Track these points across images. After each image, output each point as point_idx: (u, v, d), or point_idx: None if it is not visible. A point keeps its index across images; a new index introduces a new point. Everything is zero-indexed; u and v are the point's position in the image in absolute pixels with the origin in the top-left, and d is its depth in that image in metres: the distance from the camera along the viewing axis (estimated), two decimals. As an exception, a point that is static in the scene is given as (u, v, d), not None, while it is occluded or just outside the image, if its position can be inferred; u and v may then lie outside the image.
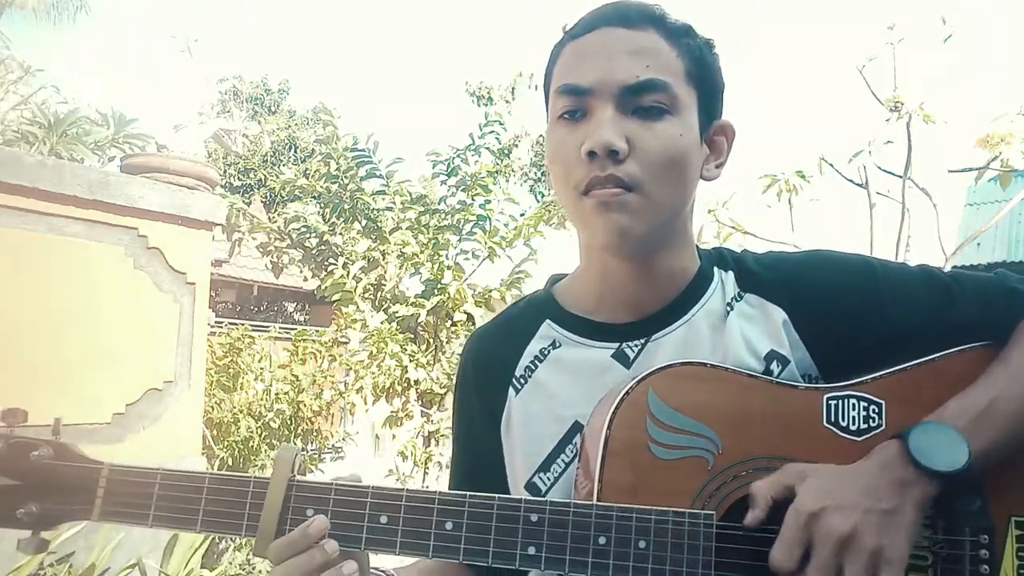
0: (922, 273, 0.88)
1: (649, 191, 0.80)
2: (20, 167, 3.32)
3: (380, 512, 0.77)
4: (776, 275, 0.89)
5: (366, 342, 4.87)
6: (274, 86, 20.79)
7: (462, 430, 1.00)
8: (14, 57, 11.21)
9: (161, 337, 3.84)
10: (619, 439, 0.77)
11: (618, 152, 0.79)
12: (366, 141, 5.46)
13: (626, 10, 0.84)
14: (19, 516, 0.79)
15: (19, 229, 3.32)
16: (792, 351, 0.85)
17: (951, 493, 0.73)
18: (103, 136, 8.86)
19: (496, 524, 0.76)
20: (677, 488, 0.76)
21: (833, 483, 0.72)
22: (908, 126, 4.31)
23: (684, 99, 0.82)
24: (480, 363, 0.98)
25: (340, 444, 7.87)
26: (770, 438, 0.77)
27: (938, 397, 0.78)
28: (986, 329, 0.82)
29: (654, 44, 0.82)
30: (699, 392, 0.78)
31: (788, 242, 4.70)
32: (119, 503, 0.80)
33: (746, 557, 0.74)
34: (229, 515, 0.79)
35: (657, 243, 0.86)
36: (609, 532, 0.74)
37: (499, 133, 5.54)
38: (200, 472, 0.80)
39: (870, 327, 0.84)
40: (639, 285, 0.88)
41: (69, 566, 3.17)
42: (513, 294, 5.14)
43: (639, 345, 0.88)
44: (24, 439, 0.81)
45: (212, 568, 3.68)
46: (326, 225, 5.73)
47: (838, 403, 0.78)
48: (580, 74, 0.82)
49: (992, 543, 0.74)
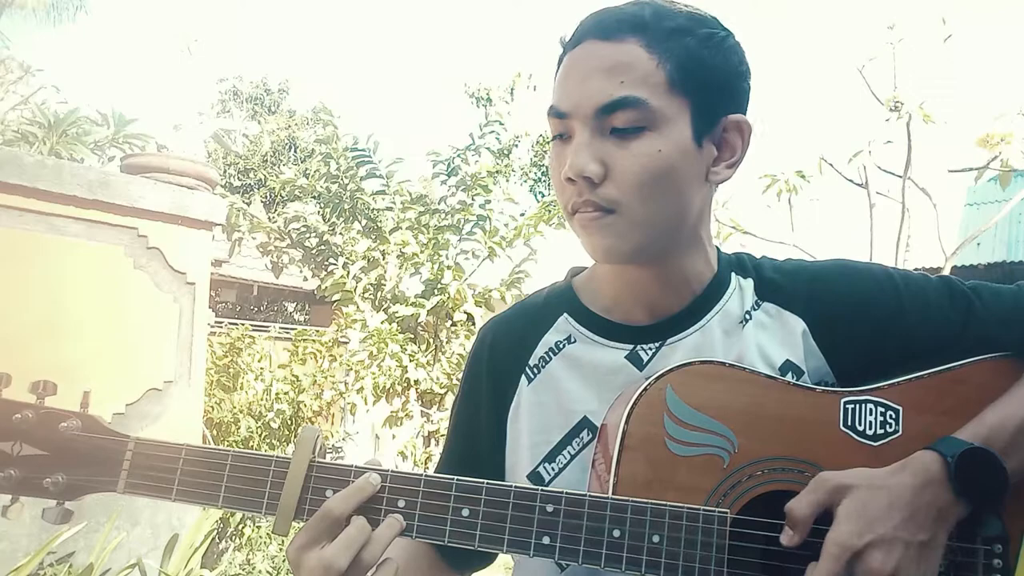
0: (943, 285, 0.87)
1: (630, 211, 0.80)
2: (20, 167, 3.31)
3: (398, 496, 0.78)
4: (796, 284, 0.89)
5: (366, 342, 4.87)
6: (274, 86, 20.78)
7: (466, 412, 1.00)
8: (14, 57, 11.22)
9: (161, 337, 3.84)
10: (636, 434, 0.77)
11: (592, 177, 0.78)
12: (366, 141, 5.46)
13: (607, 20, 0.81)
14: (46, 486, 0.80)
15: (19, 229, 3.32)
16: (807, 360, 0.85)
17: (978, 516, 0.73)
18: (103, 136, 8.86)
19: (512, 512, 0.76)
20: (693, 485, 0.76)
21: (873, 508, 0.71)
22: (908, 126, 4.32)
23: (666, 111, 0.78)
24: (496, 348, 0.98)
25: (340, 444, 7.87)
26: (786, 439, 0.78)
27: (955, 405, 0.78)
28: (1007, 341, 0.82)
29: (631, 56, 0.78)
30: (717, 391, 0.79)
31: (788, 242, 4.70)
32: (144, 476, 0.81)
33: (759, 556, 0.74)
34: (250, 492, 0.80)
35: (661, 251, 0.85)
36: (624, 526, 0.74)
37: (499, 133, 5.55)
38: (224, 449, 0.81)
39: (890, 338, 0.84)
40: (655, 289, 0.88)
41: (69, 566, 3.17)
42: (513, 294, 5.14)
43: (654, 348, 0.88)
44: (53, 410, 0.82)
45: (212, 568, 3.68)
46: (326, 225, 5.74)
47: (855, 407, 0.79)
48: (561, 96, 0.82)
49: (1006, 553, 0.74)
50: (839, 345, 0.85)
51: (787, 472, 0.76)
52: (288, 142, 18.39)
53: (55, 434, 0.81)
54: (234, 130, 19.18)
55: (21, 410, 0.82)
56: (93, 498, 0.83)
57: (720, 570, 0.73)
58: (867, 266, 0.90)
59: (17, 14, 13.30)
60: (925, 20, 4.84)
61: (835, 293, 0.86)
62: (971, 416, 0.78)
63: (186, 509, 3.66)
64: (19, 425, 0.81)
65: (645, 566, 0.73)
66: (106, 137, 8.91)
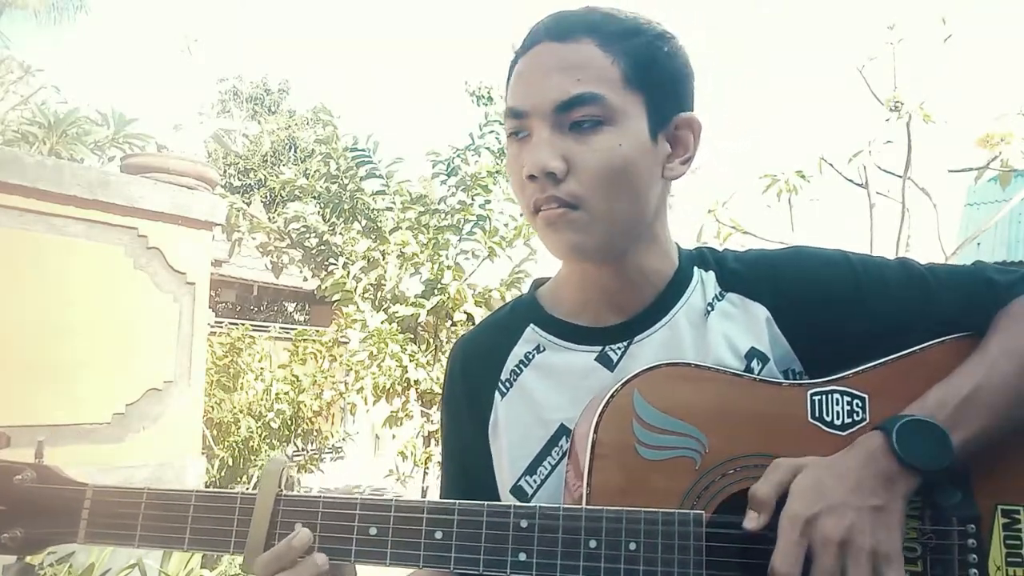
0: (900, 266, 0.88)
1: (593, 206, 0.81)
2: (20, 167, 3.32)
3: (369, 524, 0.77)
4: (757, 272, 0.90)
5: (366, 342, 4.87)
6: (274, 86, 20.79)
7: (451, 436, 1.00)
8: (14, 57, 11.22)
9: (161, 337, 3.84)
10: (606, 442, 0.77)
11: (555, 172, 0.79)
12: (366, 141, 5.46)
13: (560, 23, 0.83)
14: (3, 542, 0.79)
15: (19, 229, 3.32)
16: (772, 347, 0.85)
17: (933, 486, 0.74)
18: (103, 136, 8.86)
19: (486, 531, 0.76)
20: (666, 489, 0.76)
21: (821, 482, 0.72)
22: (908, 126, 4.31)
23: (623, 107, 0.81)
24: (467, 368, 0.98)
25: (340, 444, 7.88)
26: (756, 436, 0.78)
27: (921, 389, 0.78)
28: (966, 320, 0.82)
29: (586, 56, 0.81)
30: (684, 392, 0.79)
31: (788, 242, 4.69)
32: (105, 524, 0.80)
33: (737, 555, 0.74)
34: (217, 532, 0.79)
35: (622, 248, 0.86)
36: (599, 535, 0.74)
37: (499, 133, 5.54)
38: (186, 490, 0.80)
39: (851, 321, 0.84)
40: (617, 288, 0.89)
41: (69, 566, 3.17)
42: (513, 294, 5.14)
43: (622, 348, 0.89)
44: (6, 463, 0.81)
45: (212, 568, 3.68)
46: (326, 225, 5.74)
47: (822, 398, 0.79)
48: (517, 96, 0.83)
49: (979, 532, 0.74)
50: (801, 330, 0.86)
51: (759, 468, 0.76)
52: (288, 142, 18.40)
53: (11, 487, 0.79)
54: (234, 130, 19.19)
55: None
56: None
57: (699, 572, 0.73)
58: (825, 251, 0.90)
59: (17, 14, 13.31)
60: (925, 20, 4.84)
61: (794, 279, 0.87)
62: None
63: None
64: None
65: (624, 574, 0.73)
66: (106, 137, 8.91)
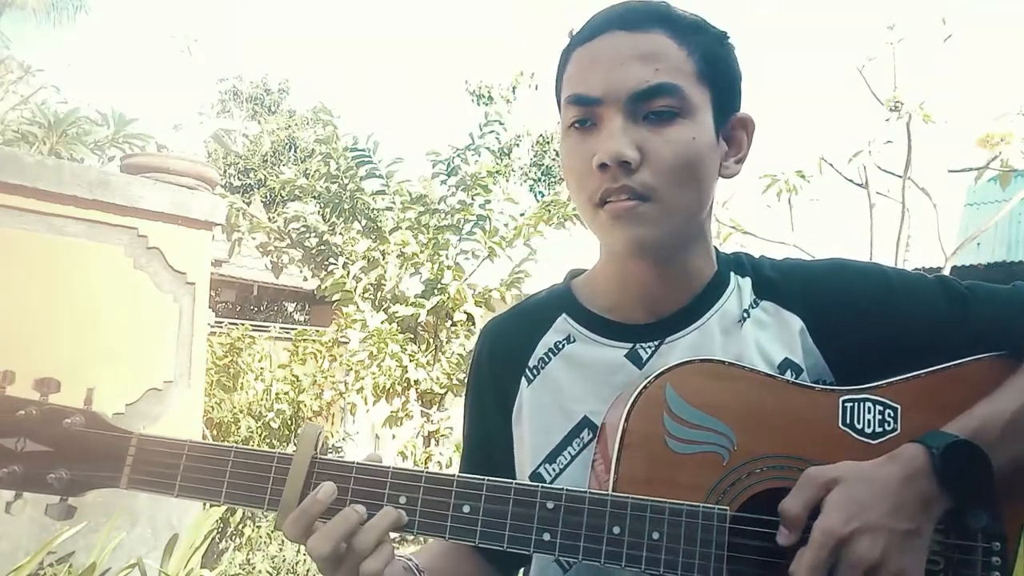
0: (938, 284, 0.87)
1: (664, 199, 0.80)
2: (20, 167, 3.31)
3: (399, 492, 0.78)
4: (792, 282, 0.89)
5: (366, 342, 4.87)
6: (274, 86, 20.78)
7: (474, 416, 1.01)
8: (14, 57, 11.22)
9: (161, 337, 3.83)
10: (635, 432, 0.78)
11: (630, 162, 0.78)
12: (366, 141, 5.46)
13: (632, 12, 0.82)
14: (50, 481, 0.81)
15: (19, 229, 3.32)
16: (805, 358, 0.85)
17: (965, 509, 0.73)
18: (103, 136, 8.87)
19: (512, 509, 0.77)
20: (692, 482, 0.76)
21: (859, 498, 0.71)
22: (908, 126, 4.32)
23: (696, 100, 0.80)
24: (495, 352, 0.98)
25: (340, 444, 7.87)
26: (785, 437, 0.78)
27: (954, 404, 0.78)
28: (1003, 340, 0.82)
29: (663, 46, 0.80)
30: (716, 389, 0.79)
31: (788, 242, 4.70)
32: (147, 472, 0.81)
33: (758, 553, 0.74)
34: (253, 488, 0.80)
35: (675, 246, 0.86)
36: (624, 523, 0.75)
37: (499, 133, 5.55)
38: (226, 445, 0.82)
39: (886, 337, 0.84)
40: (657, 287, 0.88)
41: (69, 566, 3.17)
42: (513, 294, 5.15)
43: (652, 347, 0.89)
44: (56, 407, 0.83)
45: (212, 568, 3.68)
46: (326, 225, 5.74)
47: (854, 405, 0.79)
48: (588, 83, 0.81)
49: (1004, 550, 0.74)
50: (835, 343, 0.85)
51: (786, 470, 0.76)
52: (288, 142, 18.39)
53: (58, 430, 0.82)
54: (234, 130, 19.18)
55: (25, 406, 0.82)
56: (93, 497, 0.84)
57: (719, 567, 0.73)
58: (863, 265, 0.90)
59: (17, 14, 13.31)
60: (925, 20, 4.85)
61: (831, 291, 0.87)
62: None
63: (186, 509, 3.66)
64: (22, 421, 0.81)
65: (645, 563, 0.74)
66: (106, 137, 8.91)
